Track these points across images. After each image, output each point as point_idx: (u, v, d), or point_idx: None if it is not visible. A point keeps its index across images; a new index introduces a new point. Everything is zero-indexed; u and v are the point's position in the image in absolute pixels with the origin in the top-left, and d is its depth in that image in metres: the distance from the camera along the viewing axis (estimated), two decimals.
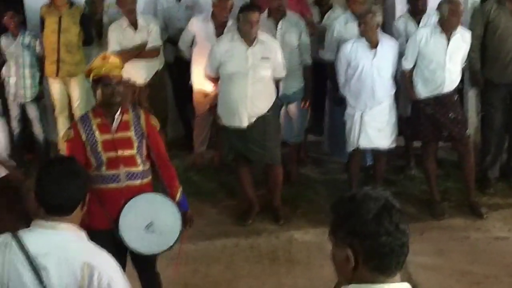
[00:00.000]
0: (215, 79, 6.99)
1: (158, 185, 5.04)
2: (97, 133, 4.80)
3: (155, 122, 5.03)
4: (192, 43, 7.86)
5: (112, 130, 4.82)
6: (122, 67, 4.92)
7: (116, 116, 4.83)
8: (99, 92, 4.78)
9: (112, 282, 2.94)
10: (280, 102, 7.08)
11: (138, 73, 7.75)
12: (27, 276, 2.90)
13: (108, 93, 4.75)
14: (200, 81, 7.58)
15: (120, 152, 4.80)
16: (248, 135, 6.80)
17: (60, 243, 2.96)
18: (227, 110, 6.85)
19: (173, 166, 5.13)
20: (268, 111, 6.82)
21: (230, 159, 7.09)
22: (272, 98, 6.90)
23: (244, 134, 6.81)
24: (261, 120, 6.80)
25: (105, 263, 2.98)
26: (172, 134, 8.41)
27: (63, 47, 7.84)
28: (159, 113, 6.57)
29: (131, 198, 4.74)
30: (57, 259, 2.90)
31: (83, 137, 4.79)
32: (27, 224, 3.07)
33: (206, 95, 7.65)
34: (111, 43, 7.65)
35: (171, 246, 4.82)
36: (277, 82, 7.03)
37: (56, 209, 3.00)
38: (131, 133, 4.85)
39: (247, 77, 6.70)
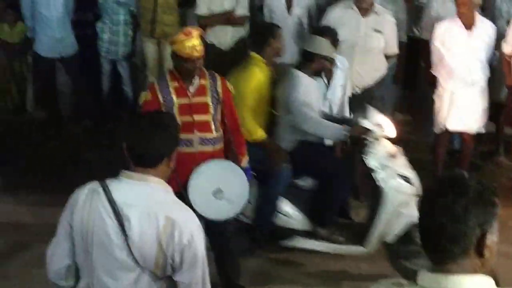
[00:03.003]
0: None
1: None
2: (174, 96, 4.86)
3: (231, 87, 5.05)
4: None
5: (189, 95, 4.87)
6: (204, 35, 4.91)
7: (193, 81, 4.88)
8: (178, 64, 4.85)
9: (192, 239, 2.94)
10: None
11: (223, 38, 7.72)
12: (110, 224, 2.93)
13: (188, 69, 4.82)
14: None
15: (195, 117, 4.86)
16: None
17: (145, 195, 2.98)
18: None
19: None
20: (374, 85, 6.74)
21: None
22: (380, 72, 6.80)
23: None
24: (366, 94, 6.73)
25: (187, 219, 2.99)
26: None
27: (160, 7, 7.85)
28: None
29: (202, 163, 4.78)
30: (140, 211, 2.93)
31: (160, 98, 4.86)
32: None
33: None
34: (200, 6, 7.62)
35: (237, 214, 4.84)
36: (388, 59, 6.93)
37: (141, 160, 3.02)
38: (208, 98, 4.91)
39: (355, 46, 6.61)
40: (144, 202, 2.96)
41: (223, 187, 4.81)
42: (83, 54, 8.40)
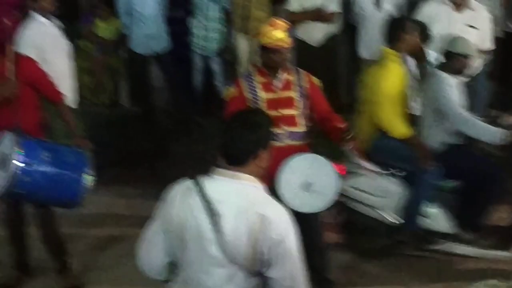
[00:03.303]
0: None
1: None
2: (260, 91, 4.94)
3: (316, 81, 5.06)
4: None
5: (275, 89, 4.93)
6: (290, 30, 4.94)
7: (279, 76, 4.92)
8: (265, 56, 4.90)
9: (284, 235, 2.97)
10: None
11: (313, 34, 7.70)
12: (204, 220, 2.98)
13: (274, 61, 4.88)
14: None
15: (281, 112, 4.91)
16: None
17: (236, 192, 3.02)
18: None
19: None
20: (468, 81, 6.65)
21: None
22: (474, 68, 6.68)
23: None
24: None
25: (279, 215, 3.01)
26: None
27: (252, 3, 7.90)
28: (328, 75, 6.50)
29: (290, 157, 4.80)
30: (233, 207, 2.97)
31: (246, 94, 4.94)
32: None
33: None
34: (291, 2, 7.59)
35: (325, 207, 4.84)
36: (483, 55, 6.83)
37: (231, 158, 3.07)
38: (294, 93, 4.96)
39: None
40: (235, 199, 3.00)
41: (312, 179, 4.81)
42: (176, 50, 8.52)
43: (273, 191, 4.57)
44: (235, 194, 3.01)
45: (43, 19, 6.22)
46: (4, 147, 4.80)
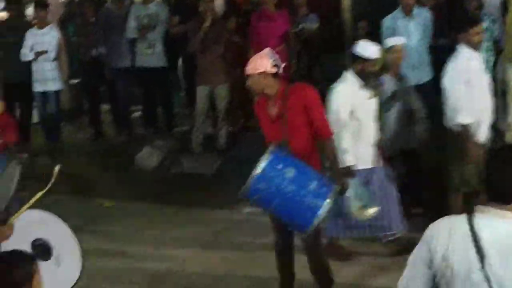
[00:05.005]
0: None
1: None
2: None
3: None
4: None
5: None
6: None
7: None
8: None
9: None
10: None
11: None
12: (474, 262, 2.88)
13: None
14: None
15: None
16: None
17: (506, 231, 2.88)
18: None
19: None
20: None
21: None
22: None
23: None
24: None
25: None
26: None
27: None
28: None
29: None
30: (501, 247, 2.85)
31: None
32: None
33: None
34: None
35: None
36: None
37: (497, 196, 2.93)
38: None
39: None
40: (505, 239, 2.87)
41: None
42: (438, 79, 8.39)
43: None
44: (504, 234, 2.89)
45: (470, 52, 6.34)
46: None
